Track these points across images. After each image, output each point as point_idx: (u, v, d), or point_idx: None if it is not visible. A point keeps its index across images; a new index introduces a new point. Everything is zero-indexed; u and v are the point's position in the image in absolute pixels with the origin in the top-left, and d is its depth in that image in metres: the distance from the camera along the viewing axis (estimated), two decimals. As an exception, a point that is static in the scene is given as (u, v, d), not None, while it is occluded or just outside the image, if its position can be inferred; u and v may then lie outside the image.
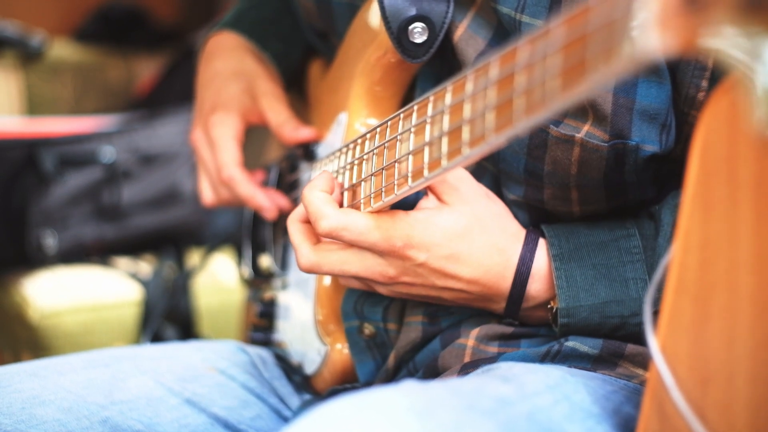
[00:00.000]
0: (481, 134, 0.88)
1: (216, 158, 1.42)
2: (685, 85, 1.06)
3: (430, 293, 1.10)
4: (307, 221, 1.11)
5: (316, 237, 1.11)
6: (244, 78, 1.48)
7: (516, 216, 1.14)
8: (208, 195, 1.47)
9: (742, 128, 0.77)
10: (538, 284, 1.11)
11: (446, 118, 0.95)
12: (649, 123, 1.06)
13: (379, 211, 1.07)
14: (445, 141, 0.95)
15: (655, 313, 0.88)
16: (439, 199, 1.08)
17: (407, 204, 1.10)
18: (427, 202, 1.09)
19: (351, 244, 1.07)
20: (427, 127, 0.99)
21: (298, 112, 1.50)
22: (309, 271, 1.10)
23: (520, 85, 0.82)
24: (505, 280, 1.09)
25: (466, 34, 1.14)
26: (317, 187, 1.09)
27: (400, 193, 1.02)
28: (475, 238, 1.08)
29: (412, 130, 1.01)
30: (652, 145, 1.07)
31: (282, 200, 1.43)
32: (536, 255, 1.10)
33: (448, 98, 0.95)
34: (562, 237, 1.11)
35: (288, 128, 1.41)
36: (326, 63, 1.49)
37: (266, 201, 1.41)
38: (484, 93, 0.88)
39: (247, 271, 1.55)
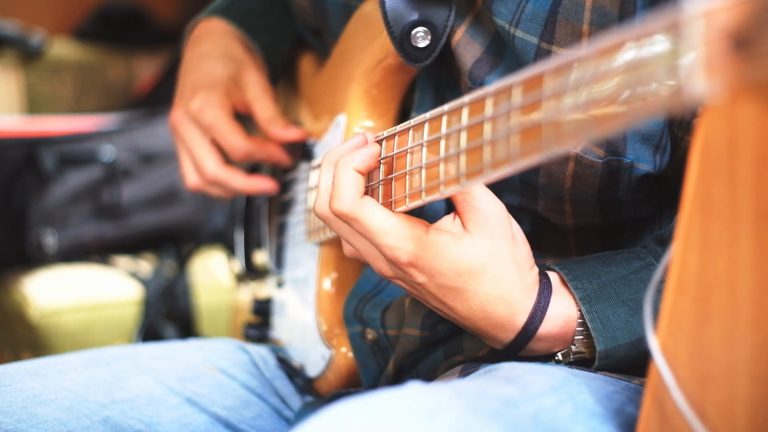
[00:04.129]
0: (506, 157, 0.85)
1: (225, 142, 1.39)
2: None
3: (425, 303, 1.08)
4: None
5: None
6: (233, 64, 1.45)
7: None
8: (192, 178, 1.43)
9: (742, 128, 0.77)
10: (540, 344, 1.06)
11: (464, 136, 0.92)
12: (642, 143, 1.06)
13: (400, 213, 1.01)
14: (463, 159, 0.92)
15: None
16: (463, 224, 1.01)
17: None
18: (452, 226, 1.01)
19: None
20: (442, 143, 0.95)
21: (287, 102, 1.48)
22: (320, 216, 1.04)
23: (548, 112, 0.79)
24: (505, 332, 1.04)
25: (464, 38, 1.14)
26: (356, 165, 1.02)
27: (412, 205, 1.00)
28: (485, 281, 1.00)
29: (425, 144, 0.98)
30: (646, 164, 1.06)
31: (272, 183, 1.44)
32: (547, 314, 1.04)
33: (465, 116, 0.92)
34: (583, 278, 1.06)
35: (277, 125, 1.40)
36: (319, 58, 1.48)
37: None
38: (507, 116, 0.85)
39: (238, 265, 1.55)
